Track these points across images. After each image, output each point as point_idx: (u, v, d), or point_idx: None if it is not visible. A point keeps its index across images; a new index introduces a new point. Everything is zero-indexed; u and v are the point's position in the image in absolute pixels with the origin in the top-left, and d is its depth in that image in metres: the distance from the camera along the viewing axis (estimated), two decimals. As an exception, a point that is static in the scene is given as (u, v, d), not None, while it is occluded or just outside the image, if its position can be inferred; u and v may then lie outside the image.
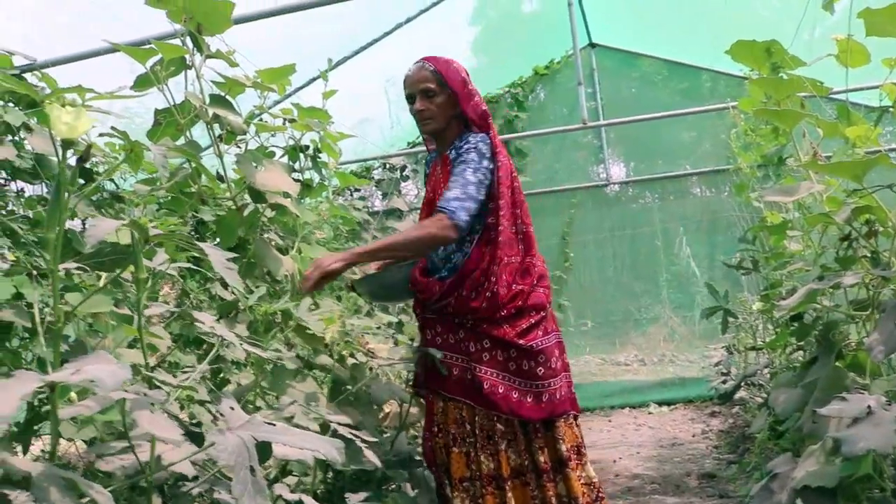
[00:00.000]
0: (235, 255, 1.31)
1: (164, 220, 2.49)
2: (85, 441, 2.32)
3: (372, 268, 2.60)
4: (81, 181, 2.52)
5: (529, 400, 2.28)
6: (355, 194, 5.47)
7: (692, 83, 6.99)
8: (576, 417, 2.44)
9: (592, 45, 7.02)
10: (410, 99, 2.39)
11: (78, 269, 1.54)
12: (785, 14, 5.34)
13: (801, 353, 3.02)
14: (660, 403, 6.04)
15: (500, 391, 2.26)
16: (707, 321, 5.78)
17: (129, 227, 1.18)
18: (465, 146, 2.32)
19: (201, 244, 1.18)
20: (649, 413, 5.88)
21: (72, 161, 1.28)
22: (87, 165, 2.71)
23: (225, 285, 2.83)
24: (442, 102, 2.36)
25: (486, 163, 2.28)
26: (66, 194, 1.19)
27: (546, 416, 2.29)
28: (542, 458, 2.29)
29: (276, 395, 2.27)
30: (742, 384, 4.36)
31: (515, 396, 2.27)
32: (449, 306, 2.34)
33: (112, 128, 1.58)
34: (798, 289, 2.07)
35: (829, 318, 2.12)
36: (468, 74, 2.42)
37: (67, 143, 1.15)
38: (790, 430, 2.58)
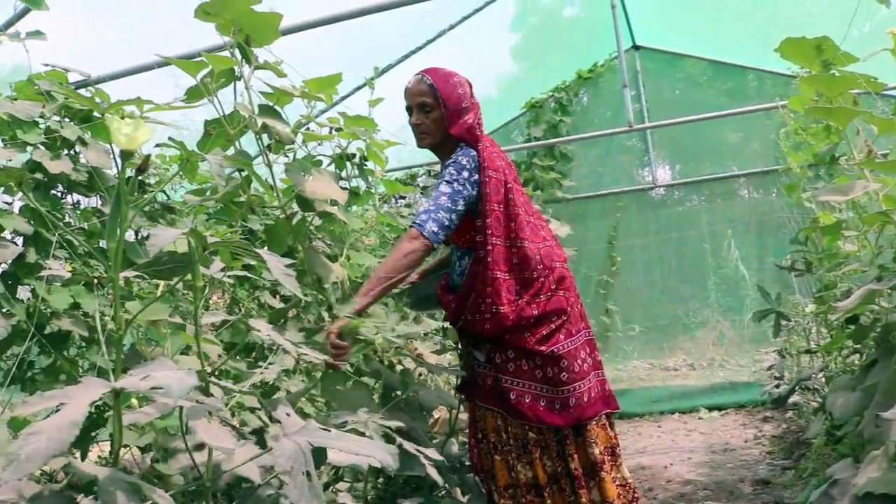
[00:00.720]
0: (292, 261, 1.33)
1: (216, 229, 2.54)
2: (139, 447, 2.37)
3: (414, 278, 2.62)
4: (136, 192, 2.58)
5: (557, 407, 2.26)
6: (400, 201, 5.50)
7: (737, 83, 6.90)
8: (609, 416, 2.40)
9: (636, 48, 6.97)
10: (409, 111, 2.40)
11: (136, 277, 1.56)
12: (833, 10, 5.24)
13: (857, 356, 2.95)
14: (710, 408, 5.93)
15: (527, 401, 2.25)
16: (757, 325, 5.68)
17: (187, 235, 1.20)
18: (448, 162, 2.32)
19: (259, 250, 1.20)
20: (699, 418, 5.78)
21: (130, 172, 1.31)
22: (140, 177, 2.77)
23: (274, 293, 2.87)
24: (437, 118, 2.35)
25: (465, 174, 2.26)
26: (126, 205, 1.22)
27: (573, 422, 2.26)
28: (573, 465, 2.27)
29: (326, 401, 2.29)
30: (796, 388, 4.26)
31: (543, 405, 2.25)
32: (464, 325, 2.37)
33: (169, 138, 1.62)
34: (854, 290, 2.01)
35: (889, 319, 2.06)
36: (470, 87, 2.41)
37: (126, 155, 1.17)
38: (849, 435, 2.51)
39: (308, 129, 2.22)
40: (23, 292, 2.38)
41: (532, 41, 6.58)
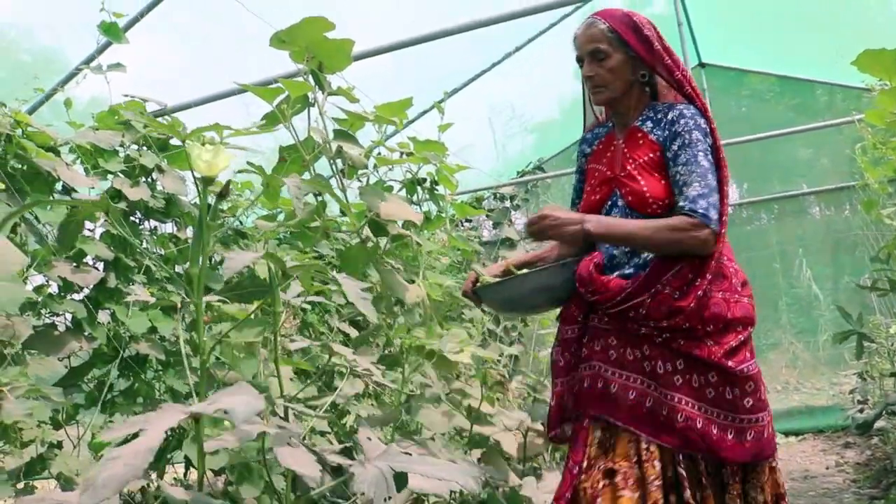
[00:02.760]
0: (369, 285, 1.32)
1: (288, 254, 2.57)
2: (212, 470, 2.40)
3: (494, 271, 2.14)
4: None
5: (731, 437, 1.79)
6: (465, 224, 5.51)
7: (805, 98, 6.75)
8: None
9: (702, 65, 6.87)
10: (579, 62, 2.01)
11: (218, 301, 1.58)
12: (900, 20, 5.07)
13: (950, 379, 2.81)
14: (787, 433, 5.73)
15: (699, 426, 1.78)
16: (833, 346, 5.48)
17: (267, 259, 1.21)
18: (681, 121, 1.90)
19: (337, 275, 1.20)
20: (776, 443, 5.59)
21: (210, 199, 1.33)
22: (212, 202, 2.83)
23: (344, 317, 2.89)
24: (616, 66, 1.94)
25: (708, 140, 1.90)
26: (208, 231, 1.23)
27: (751, 457, 1.81)
28: None
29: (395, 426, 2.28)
30: (883, 413, 4.08)
31: (715, 432, 1.79)
32: (640, 307, 1.85)
33: (248, 163, 1.64)
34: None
35: None
36: (657, 29, 1.98)
37: (207, 181, 1.19)
38: (945, 464, 2.39)
39: (380, 153, 2.23)
40: (102, 316, 2.45)
41: (596, 61, 6.53)
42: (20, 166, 2.20)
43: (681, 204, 1.82)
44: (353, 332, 2.83)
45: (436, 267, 2.43)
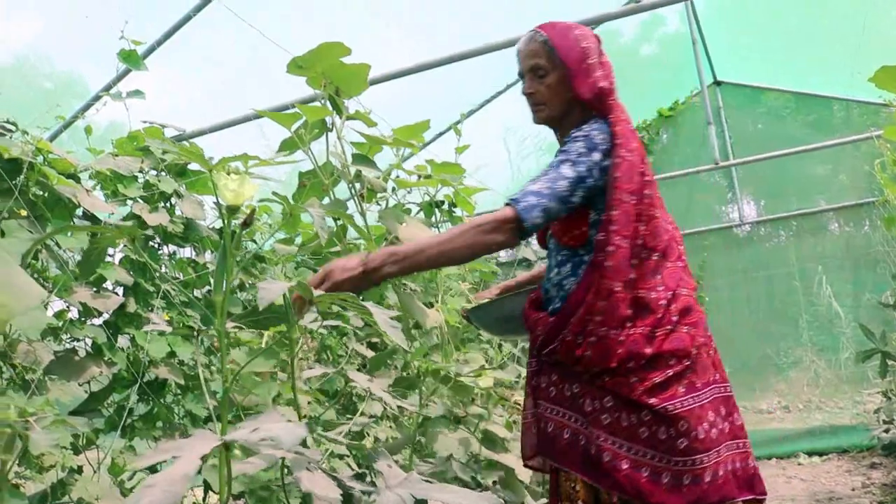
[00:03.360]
0: (398, 314, 1.32)
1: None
2: (234, 495, 2.39)
3: (493, 292, 2.14)
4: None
5: (666, 480, 1.63)
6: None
7: (822, 114, 6.73)
8: None
9: (717, 83, 6.87)
10: (521, 77, 1.90)
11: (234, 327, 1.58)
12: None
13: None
14: (810, 454, 5.64)
15: (624, 467, 1.64)
16: (857, 365, 5.42)
17: (297, 289, 1.21)
18: (575, 133, 1.76)
19: (365, 303, 1.20)
20: (799, 464, 5.51)
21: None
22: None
23: (362, 340, 2.88)
24: (555, 82, 1.82)
25: (597, 156, 1.70)
26: (232, 259, 1.23)
27: None
28: None
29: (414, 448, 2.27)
30: (908, 433, 4.02)
31: (645, 475, 1.63)
32: (554, 353, 1.75)
33: (274, 193, 1.65)
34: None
35: None
36: (598, 42, 1.87)
37: (233, 209, 1.19)
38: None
39: (398, 176, 2.24)
40: (121, 340, 2.46)
41: (610, 80, 6.56)
42: (41, 193, 2.22)
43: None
44: (370, 354, 2.83)
45: (453, 289, 2.43)
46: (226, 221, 1.18)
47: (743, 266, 6.90)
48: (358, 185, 1.94)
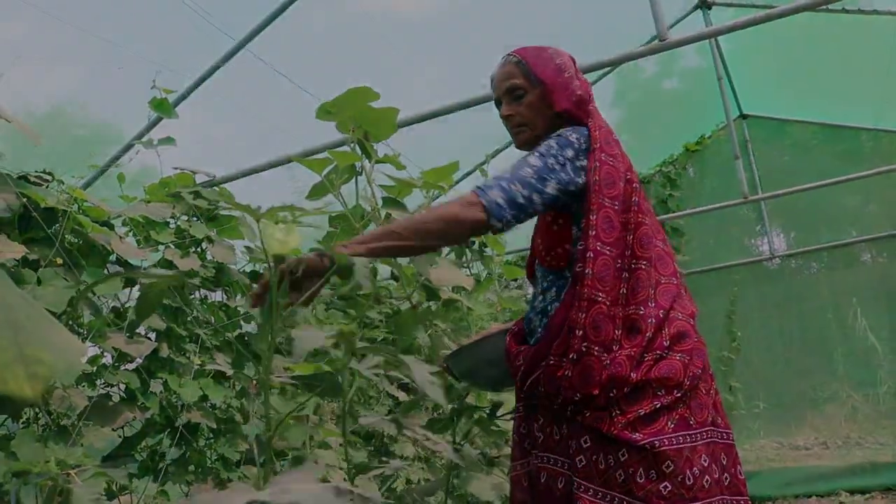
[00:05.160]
0: (438, 369, 1.31)
1: (336, 319, 2.57)
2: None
3: (472, 338, 1.97)
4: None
5: None
6: (511, 283, 5.48)
7: (850, 144, 6.67)
8: None
9: (743, 117, 6.85)
10: (497, 105, 1.82)
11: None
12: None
13: None
14: (851, 492, 5.48)
15: None
16: (895, 399, 5.29)
17: (338, 339, 1.21)
18: (551, 135, 1.68)
19: (404, 357, 1.19)
20: (841, 502, 5.35)
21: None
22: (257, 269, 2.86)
23: (392, 381, 2.87)
24: (534, 101, 1.73)
25: (569, 152, 1.60)
26: (277, 308, 1.23)
27: None
28: None
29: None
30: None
31: None
32: (538, 384, 1.59)
33: (317, 241, 1.66)
34: None
35: None
36: (573, 60, 1.80)
37: (279, 259, 1.20)
38: None
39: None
40: (154, 385, 2.47)
41: (633, 116, 6.57)
42: (76, 240, 2.25)
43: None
44: (403, 396, 2.82)
45: (485, 328, 2.41)
46: (272, 271, 1.18)
47: (774, 300, 6.80)
48: (388, 228, 1.94)
